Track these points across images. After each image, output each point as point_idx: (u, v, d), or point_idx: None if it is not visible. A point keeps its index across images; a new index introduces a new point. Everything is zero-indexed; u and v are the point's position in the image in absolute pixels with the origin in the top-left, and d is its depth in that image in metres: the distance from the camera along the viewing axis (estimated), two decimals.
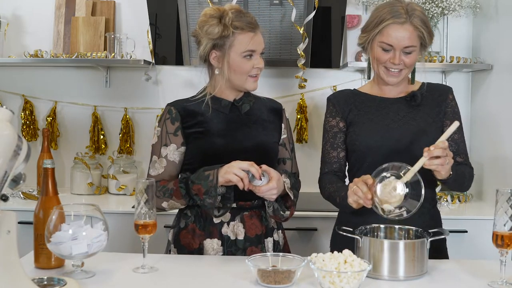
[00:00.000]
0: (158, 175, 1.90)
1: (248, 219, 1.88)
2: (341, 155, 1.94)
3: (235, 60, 1.83)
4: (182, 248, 1.90)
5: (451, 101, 1.93)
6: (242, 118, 1.91)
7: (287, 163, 1.99)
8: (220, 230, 1.86)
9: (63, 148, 3.17)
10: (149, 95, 3.12)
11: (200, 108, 1.90)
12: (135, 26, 3.08)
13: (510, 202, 1.46)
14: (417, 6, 1.84)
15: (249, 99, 1.94)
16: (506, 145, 2.66)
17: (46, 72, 3.13)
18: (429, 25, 1.84)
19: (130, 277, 1.56)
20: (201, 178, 1.76)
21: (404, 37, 1.80)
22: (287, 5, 2.82)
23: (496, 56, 2.80)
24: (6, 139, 1.25)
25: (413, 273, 1.56)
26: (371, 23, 1.85)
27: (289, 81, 3.08)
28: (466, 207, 2.80)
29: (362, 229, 1.67)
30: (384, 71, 1.86)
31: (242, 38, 1.82)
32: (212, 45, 1.85)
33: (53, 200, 1.62)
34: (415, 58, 1.85)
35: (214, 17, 1.83)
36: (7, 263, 1.30)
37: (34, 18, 3.11)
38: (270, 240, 1.91)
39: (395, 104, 1.90)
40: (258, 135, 1.91)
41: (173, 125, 1.89)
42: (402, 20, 1.79)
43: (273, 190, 1.73)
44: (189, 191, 1.78)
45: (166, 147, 1.89)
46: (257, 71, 1.87)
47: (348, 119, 1.92)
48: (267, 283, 1.47)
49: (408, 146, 1.82)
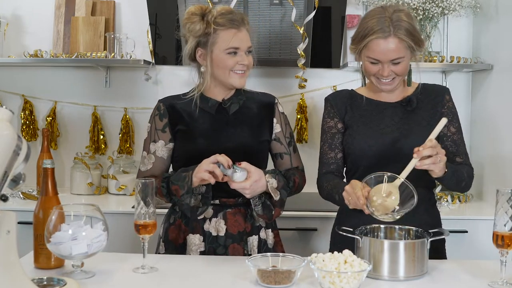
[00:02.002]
0: (147, 171, 1.93)
1: (231, 216, 1.89)
2: (339, 156, 1.93)
3: (218, 56, 1.85)
4: (169, 243, 1.92)
5: (448, 102, 1.91)
6: (229, 118, 1.91)
7: (284, 157, 1.97)
8: (203, 226, 1.88)
9: (63, 148, 3.17)
10: (149, 95, 3.11)
11: (188, 107, 1.92)
12: (135, 26, 3.07)
13: (510, 202, 1.46)
14: (404, 15, 1.77)
15: (239, 98, 1.93)
16: (506, 145, 2.66)
17: (46, 72, 3.13)
18: (416, 33, 1.79)
19: (130, 277, 1.56)
20: (179, 179, 1.79)
21: (389, 50, 1.76)
22: (287, 5, 2.82)
23: (496, 56, 2.80)
24: (6, 139, 1.24)
25: (413, 273, 1.56)
26: (357, 35, 1.82)
27: (289, 81, 3.07)
28: (466, 207, 2.80)
29: (362, 229, 1.67)
30: (376, 81, 1.85)
31: (224, 35, 1.83)
32: (196, 42, 1.87)
33: (53, 200, 1.62)
34: (405, 65, 1.81)
35: (196, 14, 1.85)
36: (7, 263, 1.30)
37: (34, 18, 3.11)
38: (254, 238, 1.91)
39: (390, 109, 1.89)
40: (242, 136, 1.90)
41: (161, 122, 1.92)
42: (385, 34, 1.74)
43: (245, 190, 1.73)
44: (170, 190, 1.81)
45: (155, 143, 1.92)
46: (242, 67, 1.86)
47: (345, 121, 1.92)
48: (267, 283, 1.47)
49: (400, 151, 1.81)
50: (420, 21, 2.90)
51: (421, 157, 1.60)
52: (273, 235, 1.97)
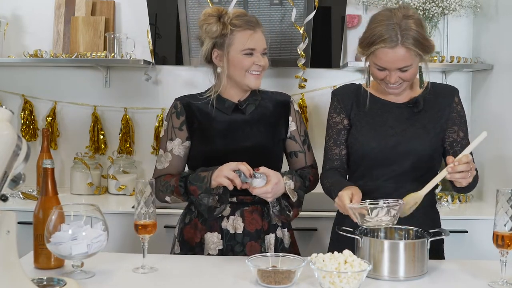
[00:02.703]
0: (164, 169, 1.93)
1: (248, 214, 1.89)
2: (343, 153, 1.91)
3: (235, 57, 1.86)
4: (184, 243, 1.93)
5: (457, 105, 1.87)
6: (245, 118, 1.92)
7: (299, 156, 1.98)
8: (220, 224, 1.88)
9: (63, 148, 3.17)
10: (149, 95, 3.11)
11: (205, 107, 1.92)
12: (135, 26, 3.07)
13: (510, 202, 1.46)
14: (413, 23, 1.72)
15: (255, 99, 1.94)
16: (506, 145, 2.66)
17: (45, 72, 3.13)
18: (425, 41, 1.74)
19: (130, 277, 1.56)
20: (197, 179, 1.80)
21: (396, 60, 1.72)
22: (287, 5, 2.82)
23: (496, 56, 2.80)
24: (5, 139, 1.24)
25: (413, 273, 1.56)
26: (365, 39, 1.77)
27: (289, 81, 3.07)
28: (466, 207, 2.80)
29: (362, 229, 1.67)
30: (384, 85, 1.83)
31: (241, 36, 1.84)
32: (212, 44, 1.88)
33: (52, 200, 1.62)
34: (413, 72, 1.77)
35: (213, 16, 1.86)
36: (7, 263, 1.29)
37: (34, 18, 3.10)
38: (271, 237, 1.92)
39: (397, 110, 1.87)
40: (259, 135, 1.91)
41: (178, 120, 1.92)
42: (393, 44, 1.70)
43: (267, 194, 1.76)
44: (188, 190, 1.81)
45: (172, 141, 1.92)
46: (258, 68, 1.87)
47: (351, 117, 1.91)
48: (267, 283, 1.47)
49: (402, 154, 1.81)
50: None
51: (454, 172, 1.58)
52: (289, 234, 1.98)
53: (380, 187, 1.84)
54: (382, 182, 1.84)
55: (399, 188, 1.81)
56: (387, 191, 1.82)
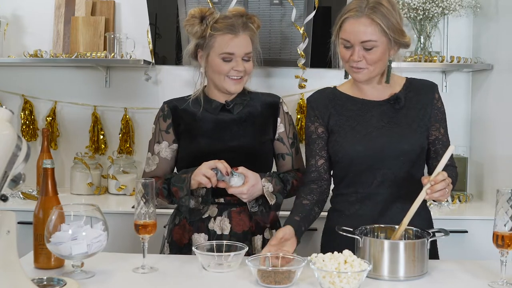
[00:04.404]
0: (151, 172, 1.94)
1: (236, 215, 1.89)
2: (320, 163, 1.84)
3: (214, 61, 1.86)
4: (173, 244, 1.92)
5: (437, 102, 1.84)
6: (233, 117, 1.91)
7: (286, 158, 1.97)
8: (207, 225, 1.88)
9: (63, 148, 3.16)
10: (149, 95, 3.11)
11: (192, 108, 1.92)
12: (135, 26, 3.07)
13: (510, 202, 1.46)
14: (385, 1, 1.71)
15: (243, 99, 1.93)
16: (506, 145, 2.66)
17: (45, 72, 3.13)
18: (393, 19, 1.71)
19: (130, 277, 1.56)
20: (178, 180, 1.80)
21: (359, 31, 1.70)
22: (287, 5, 2.82)
23: (496, 56, 2.80)
24: (5, 139, 1.24)
25: (413, 273, 1.56)
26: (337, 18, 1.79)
27: (289, 81, 3.07)
28: (466, 207, 2.80)
29: (362, 229, 1.67)
30: (349, 69, 1.80)
31: (221, 40, 1.84)
32: (195, 44, 1.88)
33: (52, 200, 1.62)
34: (378, 54, 1.73)
35: (196, 17, 1.85)
36: (7, 263, 1.30)
37: (33, 18, 3.10)
38: (259, 238, 1.91)
39: (377, 108, 1.81)
40: (246, 136, 1.90)
41: (165, 122, 1.94)
42: (358, 14, 1.70)
43: (242, 195, 1.76)
44: (170, 192, 1.82)
45: (159, 144, 1.94)
46: (237, 73, 1.85)
47: (329, 126, 1.83)
48: (267, 283, 1.47)
49: (391, 156, 1.77)
50: (420, 21, 2.90)
51: (432, 192, 1.56)
52: None
53: (372, 194, 1.79)
54: (374, 189, 1.79)
55: (394, 193, 1.78)
56: (380, 198, 1.78)
